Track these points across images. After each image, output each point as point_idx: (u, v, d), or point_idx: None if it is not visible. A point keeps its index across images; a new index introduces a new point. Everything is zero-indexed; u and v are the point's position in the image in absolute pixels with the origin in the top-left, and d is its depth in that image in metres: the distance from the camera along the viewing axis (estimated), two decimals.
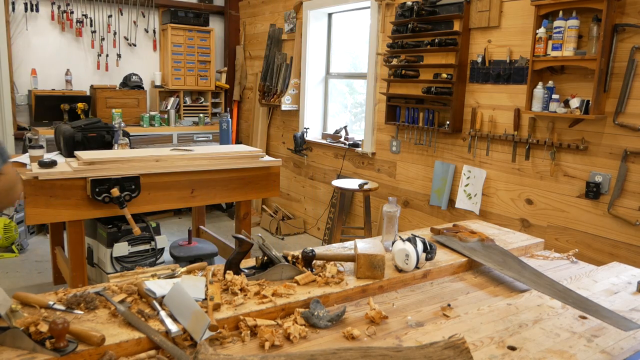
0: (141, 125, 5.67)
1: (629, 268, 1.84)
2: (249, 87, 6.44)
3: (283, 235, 5.36)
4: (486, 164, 3.64)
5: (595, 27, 2.82)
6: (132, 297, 1.35)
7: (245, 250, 1.53)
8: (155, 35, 6.20)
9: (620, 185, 2.89)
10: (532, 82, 3.13)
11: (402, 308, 1.45)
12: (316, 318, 1.31)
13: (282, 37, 5.65)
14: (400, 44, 3.99)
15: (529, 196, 3.39)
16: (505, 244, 1.96)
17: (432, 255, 1.68)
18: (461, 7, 3.60)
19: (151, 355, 1.14)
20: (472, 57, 3.66)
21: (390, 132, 4.39)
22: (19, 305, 1.25)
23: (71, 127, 3.48)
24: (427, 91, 3.83)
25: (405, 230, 2.13)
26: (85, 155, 3.01)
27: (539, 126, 3.28)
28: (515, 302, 1.50)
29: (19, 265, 4.24)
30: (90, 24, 5.72)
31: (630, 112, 2.84)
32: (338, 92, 5.53)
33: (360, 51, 5.03)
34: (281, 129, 5.84)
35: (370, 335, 1.27)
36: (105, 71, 5.91)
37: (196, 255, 3.91)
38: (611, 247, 2.96)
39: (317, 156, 5.28)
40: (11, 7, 5.30)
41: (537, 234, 3.23)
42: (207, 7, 6.36)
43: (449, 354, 1.04)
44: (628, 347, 1.24)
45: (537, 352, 1.20)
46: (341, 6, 4.99)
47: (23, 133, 5.18)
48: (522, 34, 3.31)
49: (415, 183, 4.22)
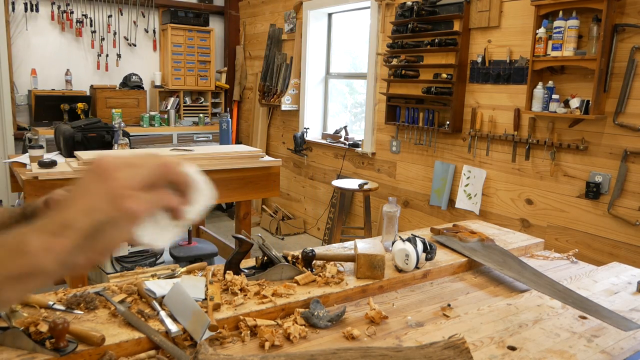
0: (141, 125, 5.67)
1: (629, 268, 1.84)
2: (249, 87, 6.44)
3: (283, 235, 5.36)
4: (486, 164, 3.64)
5: (595, 27, 2.82)
6: (132, 297, 1.35)
7: (245, 250, 1.53)
8: (155, 35, 6.20)
9: (620, 185, 2.89)
10: (532, 82, 3.13)
11: (402, 308, 1.45)
12: (316, 318, 1.31)
13: (282, 37, 5.65)
14: (400, 44, 3.99)
15: (529, 196, 3.39)
16: (505, 244, 1.96)
17: (432, 255, 1.68)
18: (461, 7, 3.60)
19: (151, 355, 1.14)
20: (472, 57, 3.66)
21: (390, 132, 4.39)
22: (19, 305, 1.25)
23: (71, 127, 3.48)
24: (427, 91, 3.82)
25: (405, 230, 2.13)
26: (85, 155, 3.01)
27: (539, 126, 3.28)
28: (515, 302, 1.50)
29: None
30: (90, 24, 5.72)
31: (630, 112, 2.84)
32: (338, 92, 5.52)
33: (360, 51, 5.03)
34: (281, 129, 5.84)
35: (370, 335, 1.27)
36: (105, 71, 5.91)
37: (196, 255, 3.91)
38: (611, 247, 2.96)
39: (317, 156, 5.28)
40: (11, 7, 5.30)
41: (537, 234, 3.23)
42: (207, 7, 6.36)
43: (449, 354, 1.04)
44: (628, 347, 1.24)
45: (537, 352, 1.20)
46: (341, 6, 4.99)
47: (23, 133, 5.18)
48: (522, 34, 3.31)
49: (415, 183, 4.22)
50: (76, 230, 0.48)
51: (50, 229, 0.48)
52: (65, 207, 0.49)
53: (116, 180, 0.49)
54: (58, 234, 0.48)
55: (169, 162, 0.52)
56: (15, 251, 0.47)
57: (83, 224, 0.48)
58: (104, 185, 0.49)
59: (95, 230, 0.48)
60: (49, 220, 0.49)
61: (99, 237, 0.49)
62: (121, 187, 0.49)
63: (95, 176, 0.50)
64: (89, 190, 0.50)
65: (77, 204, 0.49)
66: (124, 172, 0.50)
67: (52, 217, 0.49)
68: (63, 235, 0.48)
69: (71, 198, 0.50)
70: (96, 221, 0.48)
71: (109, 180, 0.49)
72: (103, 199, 0.49)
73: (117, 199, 0.48)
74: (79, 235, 0.48)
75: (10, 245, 0.48)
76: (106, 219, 0.48)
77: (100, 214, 0.48)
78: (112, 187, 0.49)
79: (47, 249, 0.47)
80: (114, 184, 0.49)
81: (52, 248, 0.47)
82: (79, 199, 0.49)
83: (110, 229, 0.49)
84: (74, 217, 0.48)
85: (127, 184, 0.49)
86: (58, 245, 0.47)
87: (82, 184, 0.51)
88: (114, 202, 0.48)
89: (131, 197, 0.49)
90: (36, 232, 0.48)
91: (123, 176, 0.50)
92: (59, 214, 0.49)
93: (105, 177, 0.49)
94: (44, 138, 4.81)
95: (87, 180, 0.51)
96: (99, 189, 0.49)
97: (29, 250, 0.47)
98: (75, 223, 0.48)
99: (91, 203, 0.49)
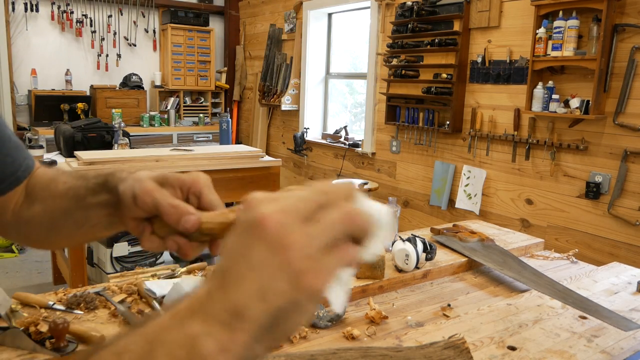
0: (141, 125, 5.67)
1: (629, 268, 1.83)
2: (249, 87, 6.44)
3: None
4: (486, 164, 3.64)
5: (595, 27, 2.82)
6: (132, 297, 1.35)
7: None
8: (155, 35, 6.20)
9: (620, 185, 2.89)
10: (532, 82, 3.13)
11: (402, 308, 1.45)
12: (316, 318, 1.31)
13: (282, 37, 5.65)
14: (400, 44, 3.99)
15: (529, 196, 3.39)
16: (505, 244, 1.96)
17: (432, 255, 1.68)
18: (461, 7, 3.60)
19: None
20: (472, 57, 3.66)
21: (390, 132, 4.39)
22: (19, 305, 1.25)
23: (71, 127, 3.49)
24: (427, 91, 3.82)
25: (405, 230, 2.13)
26: (85, 156, 3.01)
27: (539, 126, 3.28)
28: (515, 302, 1.50)
29: (19, 265, 4.24)
30: (90, 24, 5.73)
31: (630, 112, 2.84)
32: (338, 92, 5.53)
33: (360, 51, 5.03)
34: (281, 129, 5.84)
35: (370, 335, 1.27)
36: (105, 71, 5.91)
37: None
38: (611, 247, 2.96)
39: (317, 156, 5.28)
40: (11, 7, 5.30)
41: (537, 234, 3.23)
42: (207, 7, 6.36)
43: (449, 354, 1.04)
44: (628, 347, 1.24)
45: (537, 352, 1.20)
46: (341, 6, 4.99)
47: (23, 133, 5.18)
48: (522, 34, 3.31)
49: (415, 183, 4.22)
50: (253, 321, 0.38)
51: (222, 319, 0.38)
52: (234, 285, 0.38)
53: (293, 250, 0.37)
54: (233, 328, 0.37)
55: (350, 213, 0.40)
56: (187, 359, 0.37)
57: (259, 312, 0.38)
58: (278, 257, 0.37)
59: (275, 318, 0.38)
60: (216, 304, 0.38)
61: (279, 325, 0.39)
62: (301, 259, 0.37)
63: (262, 241, 0.38)
64: (256, 261, 0.38)
65: (246, 282, 0.38)
66: (301, 233, 0.38)
67: (219, 300, 0.38)
68: (239, 329, 0.37)
69: (236, 271, 0.38)
70: (275, 308, 0.38)
71: (283, 250, 0.37)
72: (279, 276, 0.37)
73: (299, 276, 0.37)
74: (257, 326, 0.38)
75: (179, 350, 0.37)
76: (287, 303, 0.38)
77: (279, 298, 0.38)
78: (289, 259, 0.37)
79: (223, 349, 0.37)
80: (291, 255, 0.37)
81: (229, 348, 0.37)
82: (246, 275, 0.38)
83: (293, 313, 0.38)
84: (247, 303, 0.37)
85: (308, 252, 0.38)
86: (235, 343, 0.37)
87: (249, 253, 0.38)
88: (295, 281, 0.37)
89: (315, 271, 0.38)
90: (206, 324, 0.38)
91: (301, 242, 0.38)
92: (227, 295, 0.38)
93: (277, 245, 0.38)
94: (44, 138, 4.81)
95: (255, 248, 0.38)
96: (271, 261, 0.37)
97: (204, 356, 0.37)
98: (249, 311, 0.37)
99: (265, 283, 0.37)
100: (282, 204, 0.39)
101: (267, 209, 0.38)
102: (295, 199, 0.40)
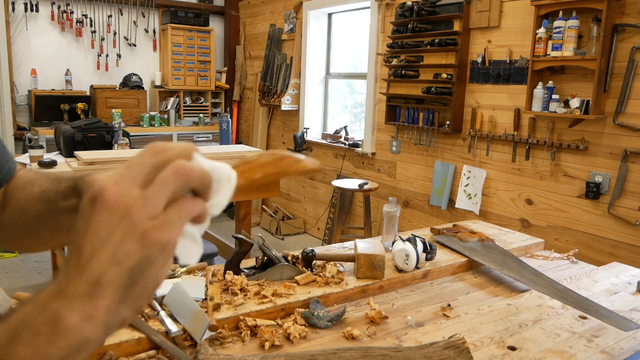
0: (141, 125, 5.67)
1: (629, 268, 1.83)
2: (249, 87, 6.44)
3: (283, 235, 5.36)
4: (486, 164, 3.64)
5: (595, 27, 2.82)
6: None
7: (245, 250, 1.53)
8: (155, 35, 6.20)
9: (620, 185, 2.89)
10: (532, 82, 3.13)
11: (402, 308, 1.45)
12: (316, 318, 1.31)
13: (282, 37, 5.65)
14: (400, 44, 3.99)
15: (529, 196, 3.39)
16: (505, 244, 1.96)
17: (432, 255, 1.68)
18: (461, 7, 3.60)
19: (151, 355, 1.14)
20: (472, 57, 3.66)
21: (390, 132, 4.39)
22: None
23: (71, 127, 3.49)
24: (427, 91, 3.83)
25: (405, 230, 2.13)
26: (85, 155, 3.01)
27: (539, 126, 3.28)
28: (515, 302, 1.50)
29: (19, 265, 4.24)
30: (90, 24, 5.73)
31: (630, 112, 2.84)
32: (338, 92, 5.53)
33: (360, 51, 5.03)
34: (281, 129, 5.84)
35: (370, 335, 1.27)
36: (105, 71, 5.91)
37: None
38: (611, 247, 2.96)
39: (317, 156, 5.28)
40: (11, 7, 5.31)
41: (537, 234, 3.23)
42: (207, 7, 6.36)
43: (449, 354, 1.04)
44: (628, 347, 1.24)
45: (537, 352, 1.20)
46: (341, 6, 4.99)
47: (23, 133, 5.18)
48: (522, 34, 3.31)
49: (415, 183, 4.22)
50: (111, 285, 0.40)
51: (82, 291, 0.40)
52: (88, 260, 0.40)
53: (134, 213, 0.40)
54: (93, 296, 0.40)
55: (182, 168, 0.42)
56: (52, 333, 0.39)
57: (115, 274, 0.40)
58: (123, 223, 0.40)
59: (132, 277, 0.41)
60: (74, 281, 0.40)
61: (138, 283, 0.41)
62: (143, 220, 0.41)
63: (105, 213, 0.41)
64: (107, 233, 0.40)
65: (99, 253, 0.40)
66: (138, 196, 0.41)
67: (77, 276, 0.40)
68: (99, 296, 0.40)
69: (89, 247, 0.41)
70: (130, 267, 0.41)
71: (125, 216, 0.40)
72: (127, 240, 0.40)
73: (144, 235, 0.40)
74: (116, 289, 0.40)
75: (43, 327, 0.39)
76: (140, 260, 0.41)
77: (131, 259, 0.40)
78: (133, 223, 0.40)
79: (87, 317, 0.39)
80: (134, 218, 0.40)
81: (93, 315, 0.40)
82: (98, 247, 0.40)
83: (148, 269, 0.41)
84: (103, 270, 0.40)
85: (149, 213, 0.41)
86: (98, 310, 0.40)
87: (95, 227, 0.41)
88: (143, 239, 0.40)
89: (159, 227, 0.41)
90: (67, 300, 0.40)
91: (139, 204, 0.41)
92: (84, 270, 0.40)
93: (119, 213, 0.40)
94: (44, 138, 4.81)
95: (100, 222, 0.41)
96: (118, 230, 0.40)
97: (68, 327, 0.39)
98: (107, 277, 0.40)
99: (116, 249, 0.40)
100: (116, 175, 0.42)
101: (102, 183, 0.41)
102: (130, 167, 0.43)
